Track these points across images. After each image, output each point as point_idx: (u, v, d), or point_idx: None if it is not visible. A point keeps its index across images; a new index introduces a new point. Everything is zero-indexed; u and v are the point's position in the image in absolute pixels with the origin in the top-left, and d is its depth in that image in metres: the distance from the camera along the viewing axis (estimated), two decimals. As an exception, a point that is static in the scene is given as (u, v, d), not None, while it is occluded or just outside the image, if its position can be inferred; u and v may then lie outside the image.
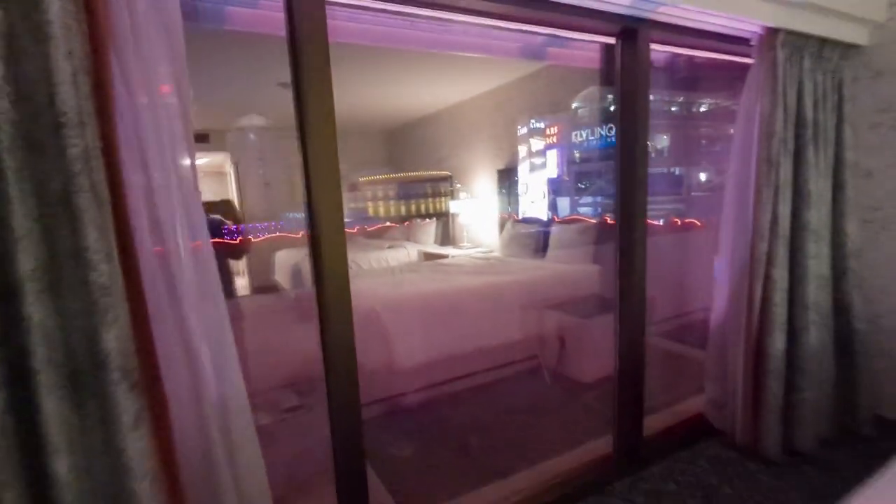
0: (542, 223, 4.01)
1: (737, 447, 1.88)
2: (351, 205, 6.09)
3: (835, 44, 1.78)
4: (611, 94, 3.37)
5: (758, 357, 1.79)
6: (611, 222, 3.33)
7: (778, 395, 1.76)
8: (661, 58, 2.52)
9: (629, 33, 1.57)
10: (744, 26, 1.66)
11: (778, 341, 1.75)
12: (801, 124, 1.73)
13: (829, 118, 1.81)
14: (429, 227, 5.58)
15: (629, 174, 1.68)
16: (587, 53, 1.90)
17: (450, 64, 3.66)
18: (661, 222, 3.25)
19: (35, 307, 0.72)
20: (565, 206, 3.96)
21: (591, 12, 1.44)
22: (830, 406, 1.90)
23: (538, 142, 4.17)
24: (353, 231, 6.22)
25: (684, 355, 2.88)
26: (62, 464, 0.76)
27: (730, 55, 1.92)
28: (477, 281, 3.04)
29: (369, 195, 6.00)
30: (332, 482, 1.27)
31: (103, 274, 0.75)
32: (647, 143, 1.67)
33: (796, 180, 1.76)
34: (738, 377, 1.83)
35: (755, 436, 1.82)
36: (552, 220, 3.98)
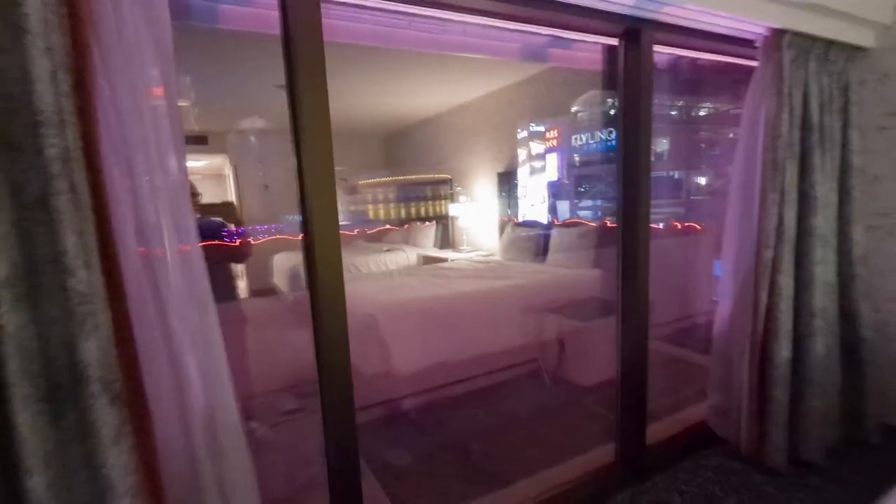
0: (542, 226, 3.98)
1: (741, 457, 1.84)
2: (351, 207, 6.06)
3: (841, 46, 1.75)
4: (611, 98, 3.35)
5: (763, 365, 1.75)
6: (611, 226, 3.33)
7: (783, 404, 1.72)
8: (661, 60, 2.49)
9: (632, 34, 1.54)
10: (749, 27, 1.64)
11: (783, 349, 1.71)
12: (806, 127, 1.70)
13: (835, 121, 1.77)
14: (428, 231, 5.54)
15: (632, 178, 1.65)
16: (589, 55, 1.87)
17: (449, 66, 3.64)
18: (662, 226, 3.22)
19: (10, 316, 0.69)
20: (565, 209, 3.94)
21: (594, 12, 1.41)
22: (837, 415, 1.86)
23: (538, 145, 4.15)
24: (353, 234, 6.18)
25: (684, 359, 2.84)
26: (39, 481, 0.72)
27: (733, 57, 1.89)
28: (477, 285, 3.00)
29: (369, 198, 5.97)
30: (327, 487, 1.24)
31: (82, 280, 0.71)
32: (650, 147, 1.64)
33: (802, 184, 1.72)
34: (743, 385, 1.79)
35: (760, 445, 1.78)
36: (552, 223, 3.95)
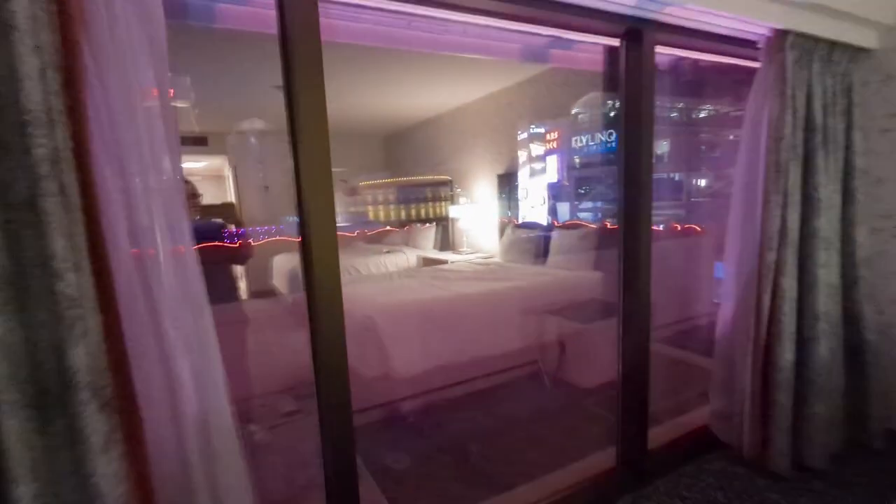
0: (542, 228, 3.97)
1: (744, 461, 1.82)
2: (351, 209, 6.05)
3: (844, 47, 1.73)
4: (611, 100, 3.34)
5: (766, 368, 1.73)
6: (611, 227, 3.32)
7: (787, 408, 1.70)
8: (662, 61, 2.48)
9: (634, 34, 1.53)
10: (751, 28, 1.62)
11: (787, 352, 1.69)
12: (810, 129, 1.68)
13: (838, 123, 1.76)
14: (428, 232, 5.53)
15: (633, 179, 1.63)
16: (590, 56, 1.86)
17: (450, 66, 3.63)
18: (661, 227, 3.21)
19: (-3, 320, 0.67)
20: (565, 211, 3.93)
21: (595, 12, 1.39)
22: (841, 419, 1.84)
23: (538, 147, 4.14)
24: (353, 235, 6.17)
25: (684, 361, 2.82)
26: (26, 490, 0.70)
27: (735, 58, 1.87)
28: (477, 287, 2.98)
29: (369, 199, 5.95)
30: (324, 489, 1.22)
31: (71, 284, 0.69)
32: (651, 149, 1.62)
33: (805, 186, 1.70)
34: (746, 389, 1.76)
35: (763, 450, 1.76)
36: (552, 225, 3.94)
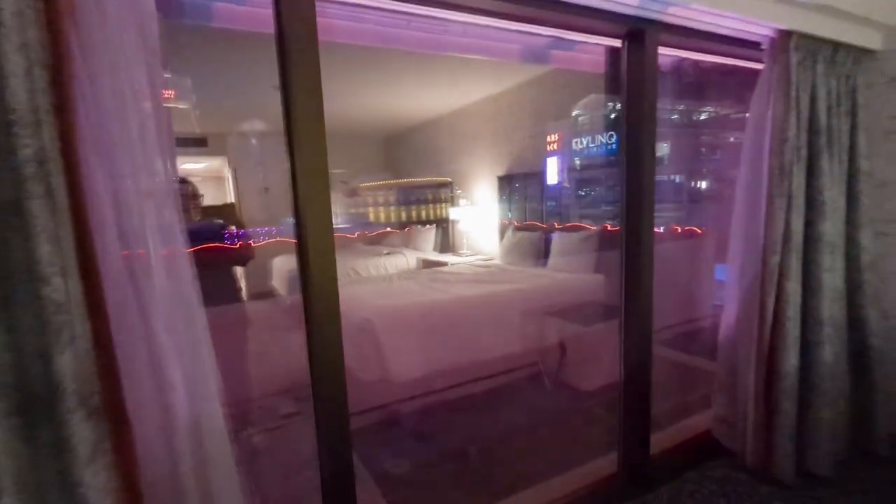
0: (542, 230, 3.94)
1: (747, 468, 1.79)
2: (351, 210, 6.03)
3: (848, 48, 1.71)
4: (612, 102, 3.32)
5: (770, 374, 1.70)
6: (612, 229, 3.30)
7: (791, 414, 1.68)
8: (663, 62, 2.46)
9: (636, 35, 1.51)
10: (755, 29, 1.60)
11: (791, 357, 1.66)
12: (814, 131, 1.66)
13: (842, 125, 1.73)
14: (428, 234, 5.50)
15: (635, 181, 1.60)
16: (591, 57, 1.84)
17: (450, 67, 3.61)
18: (661, 229, 3.19)
19: (-20, 326, 0.65)
20: (566, 213, 3.90)
21: (597, 12, 1.37)
22: (846, 425, 1.82)
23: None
24: (353, 237, 6.14)
25: (685, 364, 2.80)
26: (9, 502, 0.68)
27: (738, 59, 1.85)
28: (477, 289, 2.96)
29: (369, 200, 5.93)
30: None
31: (57, 289, 0.67)
32: (654, 150, 1.60)
33: (809, 189, 1.68)
34: (749, 394, 1.74)
35: (767, 456, 1.73)
36: (553, 227, 3.92)
